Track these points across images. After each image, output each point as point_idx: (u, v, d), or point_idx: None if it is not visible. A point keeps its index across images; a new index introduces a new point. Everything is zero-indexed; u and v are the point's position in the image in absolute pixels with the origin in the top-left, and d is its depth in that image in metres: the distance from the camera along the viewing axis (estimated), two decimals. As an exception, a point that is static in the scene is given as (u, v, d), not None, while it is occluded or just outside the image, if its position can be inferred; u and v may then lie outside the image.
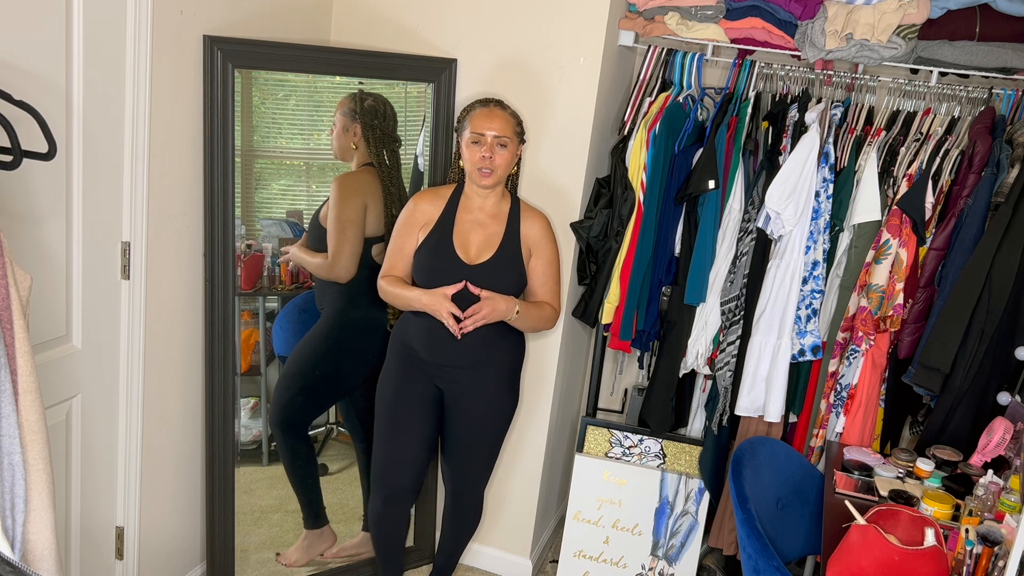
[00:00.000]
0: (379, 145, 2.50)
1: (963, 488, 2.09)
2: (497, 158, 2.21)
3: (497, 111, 2.24)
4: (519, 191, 2.54)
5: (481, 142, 2.20)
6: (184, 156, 2.24)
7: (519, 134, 2.29)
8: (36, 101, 1.62)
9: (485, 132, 2.20)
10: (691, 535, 2.72)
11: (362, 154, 2.49)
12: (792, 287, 2.41)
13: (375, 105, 2.50)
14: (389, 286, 2.29)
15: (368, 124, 2.47)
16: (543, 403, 2.75)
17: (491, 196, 2.30)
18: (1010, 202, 2.19)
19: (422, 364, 2.32)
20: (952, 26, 2.35)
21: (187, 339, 2.37)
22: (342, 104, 2.49)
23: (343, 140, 2.49)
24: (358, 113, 2.47)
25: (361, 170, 2.51)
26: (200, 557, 2.60)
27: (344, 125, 2.48)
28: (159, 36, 2.07)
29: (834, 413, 2.46)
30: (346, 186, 2.48)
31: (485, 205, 2.30)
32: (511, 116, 2.26)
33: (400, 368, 2.34)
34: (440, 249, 2.25)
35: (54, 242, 1.91)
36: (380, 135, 2.49)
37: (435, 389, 2.35)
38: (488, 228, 2.29)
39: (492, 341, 2.28)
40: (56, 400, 1.97)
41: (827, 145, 2.40)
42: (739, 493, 2.02)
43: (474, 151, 2.21)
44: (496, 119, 2.22)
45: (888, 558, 1.72)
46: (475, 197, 2.30)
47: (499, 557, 2.91)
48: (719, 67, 2.79)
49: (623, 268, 2.57)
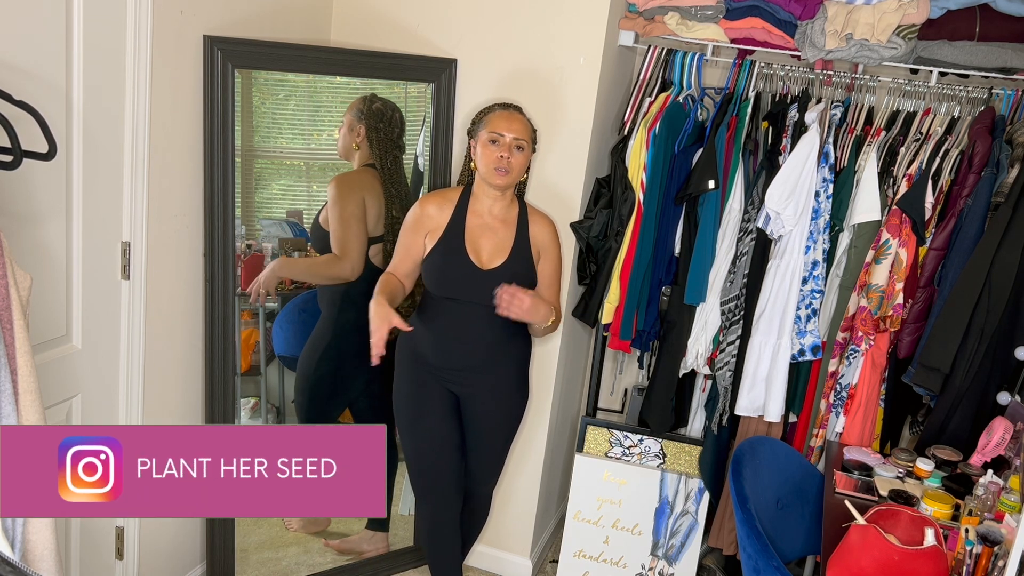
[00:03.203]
0: (382, 148, 2.50)
1: (963, 488, 2.09)
2: (514, 160, 2.20)
3: (517, 115, 2.26)
4: (532, 197, 2.53)
5: (500, 142, 2.19)
6: (184, 156, 2.24)
7: (533, 141, 2.30)
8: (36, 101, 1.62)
9: (505, 133, 2.20)
10: (691, 535, 2.72)
11: (364, 155, 2.49)
12: (792, 287, 2.41)
13: (383, 109, 2.50)
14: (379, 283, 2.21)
15: (373, 126, 2.48)
16: (543, 403, 2.75)
17: (500, 200, 2.29)
18: (1010, 202, 2.19)
19: (433, 370, 2.30)
20: (952, 26, 2.35)
21: (187, 339, 2.37)
22: (353, 105, 2.50)
23: (347, 139, 2.50)
24: (364, 114, 2.48)
25: (360, 170, 2.51)
26: (200, 557, 2.60)
27: (350, 124, 2.49)
28: (159, 36, 2.07)
29: (834, 413, 2.46)
30: (344, 184, 2.49)
31: (494, 208, 2.28)
32: (529, 123, 2.28)
33: (413, 378, 2.32)
34: (453, 255, 2.23)
35: (54, 242, 1.91)
36: (384, 138, 2.50)
37: (450, 393, 2.34)
38: (498, 233, 2.28)
39: (501, 343, 2.29)
40: (56, 400, 1.97)
41: (827, 145, 2.40)
42: (739, 493, 2.02)
43: (491, 151, 2.20)
44: (516, 122, 2.23)
45: (888, 558, 1.72)
46: (484, 199, 2.28)
47: (499, 557, 2.91)
48: (719, 67, 2.79)
49: (623, 268, 2.57)
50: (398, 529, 2.84)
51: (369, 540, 2.77)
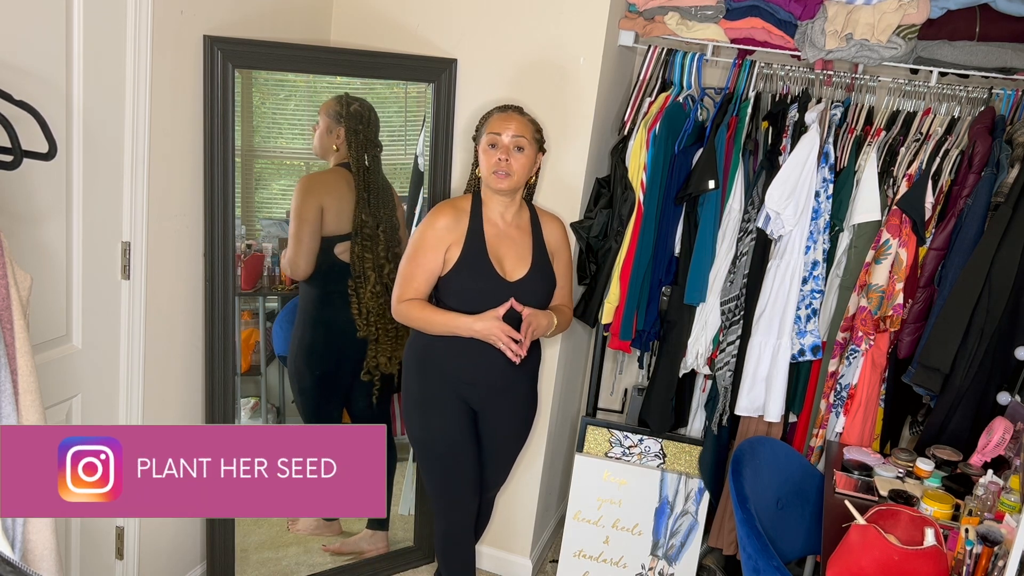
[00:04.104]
0: (361, 149, 2.50)
1: (963, 488, 2.09)
2: (514, 162, 2.14)
3: (514, 115, 2.20)
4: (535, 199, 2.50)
5: (498, 144, 2.15)
6: (184, 156, 2.24)
7: (538, 141, 2.23)
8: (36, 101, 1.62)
9: (502, 133, 2.15)
10: (691, 535, 2.72)
11: (341, 155, 2.50)
12: (792, 287, 2.41)
13: (360, 111, 2.51)
14: (415, 311, 2.16)
15: (352, 128, 2.48)
16: (543, 403, 2.75)
17: (511, 206, 2.24)
18: (1010, 202, 2.19)
19: (448, 383, 2.22)
20: (952, 26, 2.35)
21: (187, 339, 2.37)
22: (327, 106, 2.50)
23: (326, 140, 2.50)
24: (344, 116, 2.48)
25: (329, 170, 2.53)
26: (200, 557, 2.60)
27: (328, 126, 2.49)
28: (159, 36, 2.07)
29: (834, 413, 2.46)
30: (304, 186, 2.50)
31: (507, 215, 2.23)
32: (529, 122, 2.21)
33: (431, 392, 2.23)
34: (479, 269, 2.15)
35: (54, 242, 1.91)
36: (363, 139, 2.50)
37: (467, 406, 2.27)
38: (517, 241, 2.23)
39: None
40: (56, 400, 1.97)
41: (827, 145, 2.40)
42: (739, 493, 2.02)
43: (490, 155, 2.15)
44: (513, 121, 2.17)
45: (888, 558, 1.72)
46: (495, 206, 2.22)
47: (499, 557, 2.91)
48: (719, 67, 2.79)
49: (623, 268, 2.57)
50: (398, 529, 2.84)
51: (369, 540, 2.77)
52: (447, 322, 2.14)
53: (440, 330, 2.15)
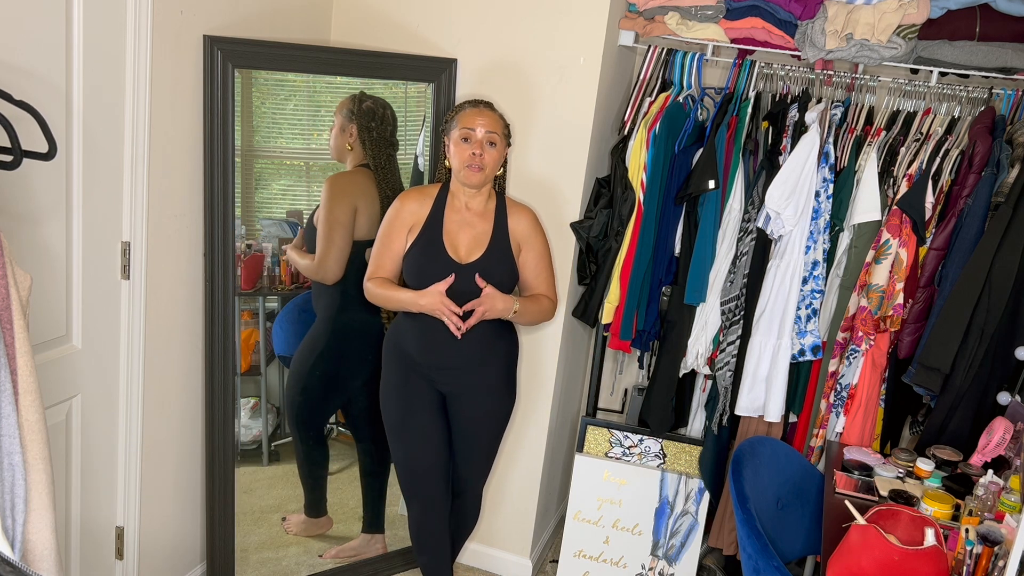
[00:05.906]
0: (375, 147, 2.49)
1: (963, 488, 2.09)
2: (487, 156, 2.21)
3: (487, 111, 2.25)
4: (507, 191, 2.52)
5: (471, 139, 2.20)
6: (184, 156, 2.24)
7: (507, 136, 2.30)
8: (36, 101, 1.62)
9: (476, 128, 2.20)
10: (691, 535, 2.72)
11: (357, 155, 2.49)
12: (792, 287, 2.41)
13: (373, 107, 2.49)
14: (377, 288, 2.28)
15: (364, 126, 2.47)
16: (543, 403, 2.75)
17: (478, 196, 2.30)
18: (1010, 202, 2.19)
19: (419, 368, 2.31)
20: (952, 26, 2.35)
21: (187, 339, 2.37)
22: (342, 105, 2.49)
23: (339, 140, 2.49)
24: (355, 114, 2.47)
25: (354, 171, 2.51)
26: (200, 557, 2.60)
27: (341, 125, 2.48)
28: (159, 36, 2.07)
29: (834, 413, 2.46)
30: (337, 187, 2.48)
31: (472, 204, 2.30)
32: (500, 117, 2.28)
33: (400, 376, 2.33)
34: (430, 250, 2.25)
35: (54, 242, 1.91)
36: (376, 137, 2.49)
37: (436, 392, 2.34)
38: (476, 227, 2.29)
39: (488, 341, 2.28)
40: (56, 400, 1.97)
41: (827, 145, 2.40)
42: (739, 493, 2.02)
43: (463, 148, 2.21)
44: (486, 117, 2.23)
45: (888, 558, 1.72)
46: (461, 196, 2.29)
47: (499, 557, 2.91)
48: (719, 67, 2.79)
49: (623, 268, 2.57)
50: (397, 529, 2.84)
51: (367, 544, 2.77)
52: (400, 297, 2.24)
53: (395, 305, 2.26)
